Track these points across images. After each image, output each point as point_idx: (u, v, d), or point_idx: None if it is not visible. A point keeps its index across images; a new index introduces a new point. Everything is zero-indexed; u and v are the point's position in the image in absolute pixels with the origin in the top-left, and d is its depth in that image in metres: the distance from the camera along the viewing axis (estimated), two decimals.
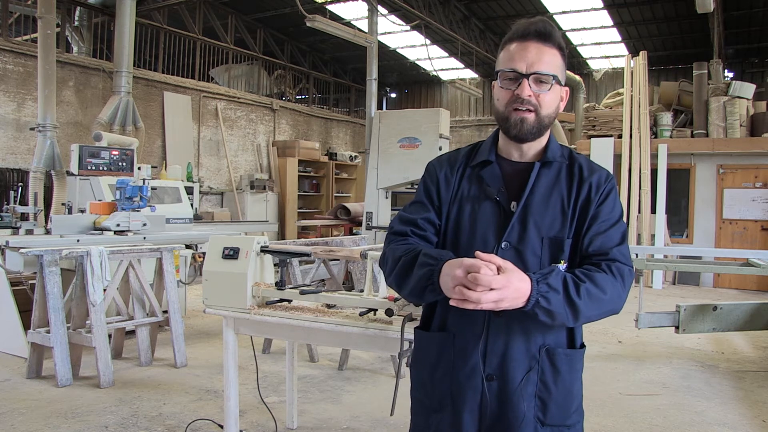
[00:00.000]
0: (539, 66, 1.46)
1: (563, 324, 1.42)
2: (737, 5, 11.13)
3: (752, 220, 9.60)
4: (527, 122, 1.48)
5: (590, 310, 1.41)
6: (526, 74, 1.45)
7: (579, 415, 1.56)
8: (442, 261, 1.40)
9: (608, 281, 1.43)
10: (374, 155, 8.00)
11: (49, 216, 5.94)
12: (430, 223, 1.59)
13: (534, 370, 1.49)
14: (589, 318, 1.42)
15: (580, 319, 1.41)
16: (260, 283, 2.75)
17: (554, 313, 1.38)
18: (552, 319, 1.39)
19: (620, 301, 1.46)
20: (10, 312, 4.83)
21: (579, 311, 1.39)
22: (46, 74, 6.99)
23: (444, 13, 12.20)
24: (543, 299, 1.35)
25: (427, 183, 1.64)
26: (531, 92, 1.46)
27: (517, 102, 1.47)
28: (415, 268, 1.46)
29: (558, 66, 1.49)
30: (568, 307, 1.38)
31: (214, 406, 3.88)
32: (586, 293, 1.39)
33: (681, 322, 4.81)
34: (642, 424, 3.78)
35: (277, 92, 14.07)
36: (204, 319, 6.35)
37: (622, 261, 1.48)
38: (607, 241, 1.49)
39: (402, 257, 1.51)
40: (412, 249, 1.51)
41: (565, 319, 1.39)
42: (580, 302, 1.39)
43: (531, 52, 1.46)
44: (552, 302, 1.36)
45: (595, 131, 10.58)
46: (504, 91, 1.50)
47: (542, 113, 1.48)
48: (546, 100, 1.48)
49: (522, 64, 1.46)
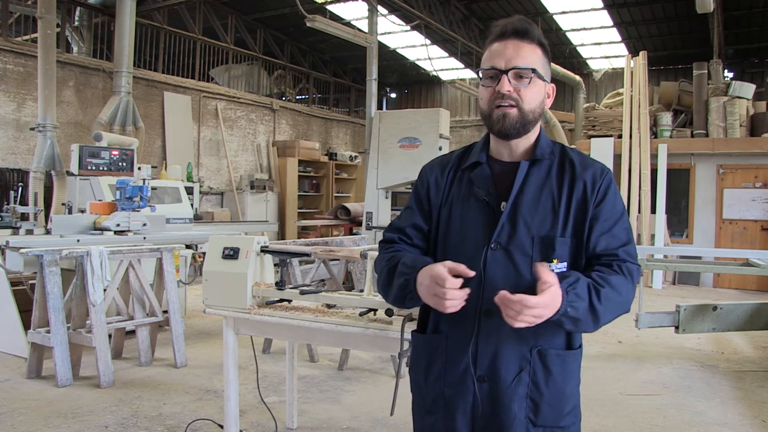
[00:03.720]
0: (517, 61, 1.47)
1: (585, 330, 1.45)
2: (737, 5, 11.13)
3: (752, 220, 9.60)
4: (510, 117, 1.48)
5: (608, 314, 1.43)
6: (505, 70, 1.47)
7: (574, 417, 1.55)
8: (417, 269, 1.45)
9: (622, 283, 1.45)
10: (374, 155, 7.99)
11: (49, 216, 5.93)
12: (418, 230, 1.62)
13: (525, 371, 1.49)
14: (606, 322, 1.44)
15: (600, 324, 1.43)
16: (260, 283, 2.76)
17: (579, 320, 1.40)
18: (576, 327, 1.42)
19: (631, 299, 1.48)
20: (10, 312, 4.83)
21: (599, 317, 1.41)
22: (46, 74, 6.99)
23: (444, 13, 12.19)
24: (571, 308, 1.38)
25: (418, 188, 1.66)
26: (511, 87, 1.47)
27: (499, 98, 1.48)
28: (394, 278, 1.52)
29: (538, 60, 1.50)
30: (590, 314, 1.40)
31: (214, 406, 3.88)
32: (606, 298, 1.41)
33: (681, 322, 4.81)
34: (642, 424, 3.78)
35: (277, 92, 14.06)
36: (204, 319, 6.35)
37: (631, 260, 1.49)
38: (612, 240, 1.49)
39: (385, 267, 1.57)
40: (392, 257, 1.57)
41: (587, 326, 1.42)
42: (601, 308, 1.40)
43: (509, 48, 1.48)
44: (579, 310, 1.39)
45: (595, 131, 10.58)
46: (486, 90, 1.51)
47: (525, 108, 1.48)
48: (527, 95, 1.48)
49: (501, 61, 1.48)
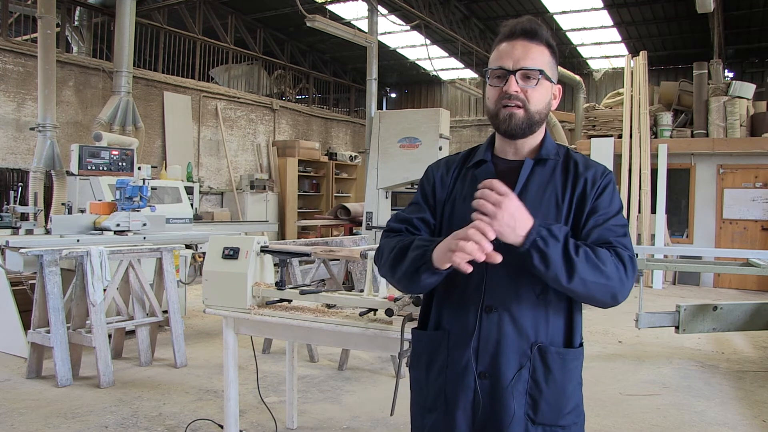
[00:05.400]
0: (525, 62, 1.48)
1: (556, 278, 1.37)
2: (737, 5, 11.13)
3: (752, 220, 9.60)
4: (516, 117, 1.49)
5: (587, 273, 1.37)
6: (513, 70, 1.48)
7: (576, 416, 1.53)
8: (436, 242, 1.44)
9: (608, 257, 1.41)
10: (374, 155, 7.99)
11: (49, 216, 5.94)
12: (425, 223, 1.63)
13: (525, 368, 1.48)
14: (585, 282, 1.37)
15: (575, 278, 1.37)
16: (260, 283, 2.76)
17: (550, 259, 1.35)
18: (547, 267, 1.36)
19: (621, 284, 1.42)
20: (10, 312, 4.83)
21: (575, 268, 1.36)
22: (46, 74, 6.99)
23: (444, 13, 12.20)
24: (541, 240, 1.34)
25: (424, 185, 1.69)
26: (518, 88, 1.48)
27: (506, 98, 1.49)
28: (409, 252, 1.50)
29: (546, 62, 1.51)
30: (564, 260, 1.36)
31: (214, 406, 3.88)
32: (584, 255, 1.37)
33: (681, 322, 4.82)
34: (642, 424, 3.78)
35: (277, 92, 14.06)
36: (204, 319, 6.35)
37: (623, 248, 1.45)
38: (606, 232, 1.47)
39: (397, 245, 1.55)
40: (405, 239, 1.57)
41: (560, 271, 1.36)
42: (578, 260, 1.36)
43: (517, 49, 1.49)
44: (550, 247, 1.35)
45: (595, 131, 10.58)
46: (493, 89, 1.52)
47: (531, 109, 1.49)
48: (534, 96, 1.49)
49: (509, 62, 1.48)
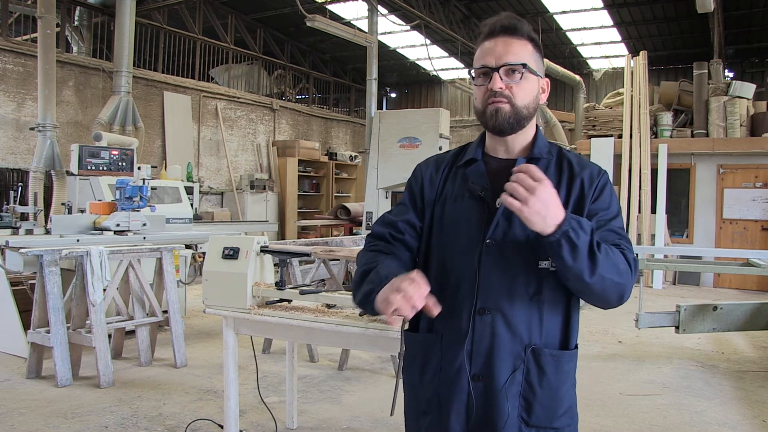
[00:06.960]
0: (507, 57, 1.47)
1: (580, 273, 1.36)
2: (737, 5, 11.13)
3: (752, 220, 9.60)
4: (502, 112, 1.48)
5: (606, 270, 1.36)
6: (496, 67, 1.47)
7: (569, 418, 1.53)
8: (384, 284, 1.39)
9: (621, 257, 1.41)
10: (374, 155, 7.99)
11: (49, 216, 5.93)
12: (410, 225, 1.60)
13: (519, 370, 1.47)
14: (603, 279, 1.37)
15: (597, 274, 1.36)
16: (260, 283, 2.76)
17: (579, 252, 1.33)
18: (574, 260, 1.34)
19: (629, 283, 1.42)
20: (10, 312, 4.83)
21: (597, 265, 1.35)
22: (46, 74, 6.99)
23: (444, 13, 12.20)
24: (573, 232, 1.32)
25: (412, 185, 1.65)
26: (503, 84, 1.47)
27: (491, 96, 1.48)
28: (364, 284, 1.48)
29: (529, 55, 1.50)
30: (589, 255, 1.34)
31: (214, 406, 3.88)
32: (605, 252, 1.37)
33: (681, 322, 4.81)
34: (642, 424, 3.77)
35: (277, 92, 14.06)
36: (204, 319, 6.35)
37: (626, 249, 1.45)
38: (609, 234, 1.46)
39: (362, 267, 1.54)
40: (372, 260, 1.53)
41: (585, 265, 1.35)
42: (600, 256, 1.35)
43: (499, 46, 1.48)
44: (580, 240, 1.33)
45: (595, 131, 10.58)
46: (479, 88, 1.51)
47: (518, 104, 1.48)
48: (520, 91, 1.48)
49: (491, 59, 1.48)
